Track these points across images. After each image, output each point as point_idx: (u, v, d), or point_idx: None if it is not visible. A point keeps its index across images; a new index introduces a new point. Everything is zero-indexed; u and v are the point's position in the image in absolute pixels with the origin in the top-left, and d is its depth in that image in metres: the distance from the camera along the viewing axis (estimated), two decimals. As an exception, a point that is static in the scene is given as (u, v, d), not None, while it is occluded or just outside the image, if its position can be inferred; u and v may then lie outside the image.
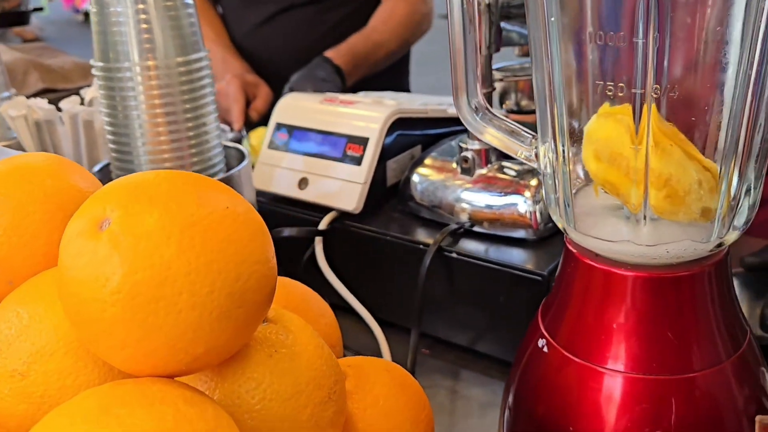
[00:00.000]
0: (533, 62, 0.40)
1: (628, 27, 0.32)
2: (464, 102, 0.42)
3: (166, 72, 0.55)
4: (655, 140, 0.35)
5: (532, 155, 0.42)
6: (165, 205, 0.27)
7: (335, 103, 0.72)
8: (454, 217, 0.65)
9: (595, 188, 0.40)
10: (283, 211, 0.72)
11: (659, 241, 0.37)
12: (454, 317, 0.64)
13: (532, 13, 0.37)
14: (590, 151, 0.38)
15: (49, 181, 0.36)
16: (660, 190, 0.36)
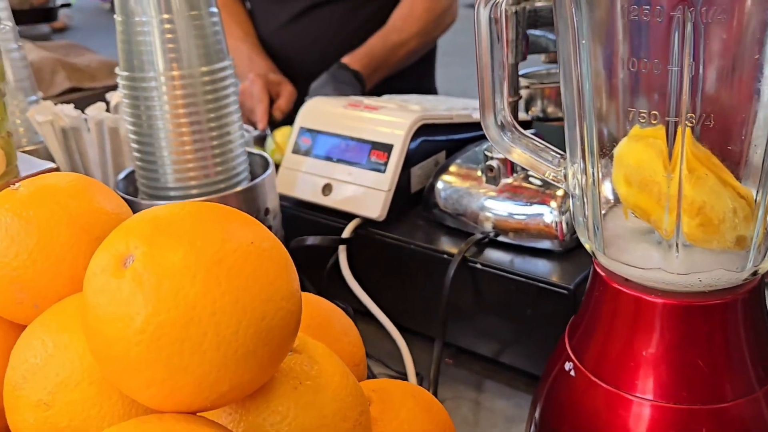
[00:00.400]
0: (562, 81, 0.39)
1: (662, 54, 0.31)
2: (491, 120, 0.41)
3: (191, 81, 0.55)
4: (689, 166, 0.34)
5: (561, 176, 0.41)
6: (190, 242, 0.26)
7: (360, 108, 0.72)
8: (478, 226, 0.65)
9: (625, 211, 0.39)
10: (306, 216, 0.72)
11: (692, 269, 0.36)
12: (478, 327, 0.64)
13: (563, 35, 0.36)
14: (621, 174, 0.37)
15: (73, 203, 0.36)
16: (693, 218, 0.35)
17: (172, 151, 0.56)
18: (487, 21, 0.39)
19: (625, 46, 0.33)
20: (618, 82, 0.34)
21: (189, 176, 0.57)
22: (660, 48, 0.31)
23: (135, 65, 0.55)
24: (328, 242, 0.66)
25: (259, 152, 0.65)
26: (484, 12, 0.38)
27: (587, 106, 0.36)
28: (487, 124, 0.41)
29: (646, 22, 0.31)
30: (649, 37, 0.32)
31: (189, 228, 0.27)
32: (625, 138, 0.37)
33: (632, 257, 0.38)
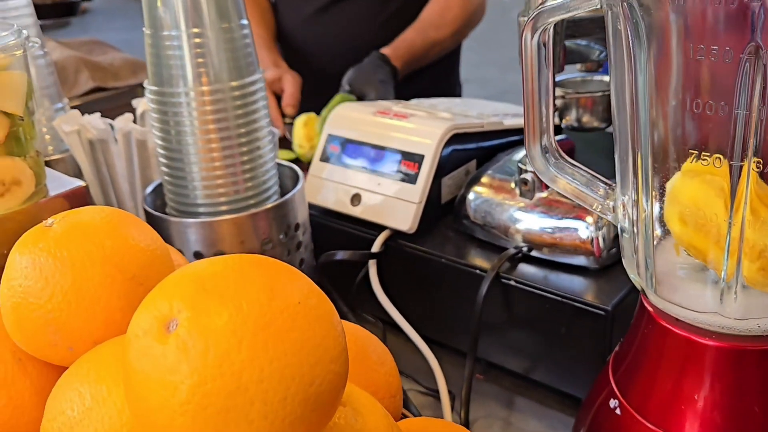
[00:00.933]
0: (615, 109, 0.37)
1: (728, 96, 0.29)
2: (537, 150, 0.39)
3: (221, 96, 0.54)
4: (752, 207, 0.33)
5: (609, 208, 0.39)
6: (235, 304, 0.25)
7: (389, 115, 0.70)
8: (510, 240, 0.63)
9: (676, 247, 0.37)
10: (334, 225, 0.71)
11: (749, 314, 0.34)
12: (509, 343, 0.63)
13: (617, 65, 0.35)
14: (674, 212, 0.35)
15: (108, 242, 0.35)
16: (754, 262, 0.33)
17: (201, 167, 0.55)
18: (536, 47, 0.37)
19: (688, 85, 0.31)
20: (679, 122, 0.32)
21: (218, 192, 0.56)
22: (726, 90, 0.30)
23: (164, 79, 0.54)
24: (358, 257, 0.65)
25: (288, 164, 0.64)
26: (533, 38, 0.37)
27: (643, 141, 0.35)
28: (533, 154, 0.39)
29: (712, 62, 0.29)
30: (715, 79, 0.30)
31: (233, 287, 0.26)
32: (679, 173, 0.35)
33: (685, 298, 0.36)
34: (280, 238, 0.58)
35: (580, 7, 0.35)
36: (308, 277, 0.29)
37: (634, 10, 0.31)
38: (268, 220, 0.57)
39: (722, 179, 0.33)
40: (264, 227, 0.57)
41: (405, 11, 1.16)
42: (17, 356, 0.36)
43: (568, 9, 0.36)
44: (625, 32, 0.33)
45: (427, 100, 0.82)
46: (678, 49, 0.30)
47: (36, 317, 0.33)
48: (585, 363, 0.58)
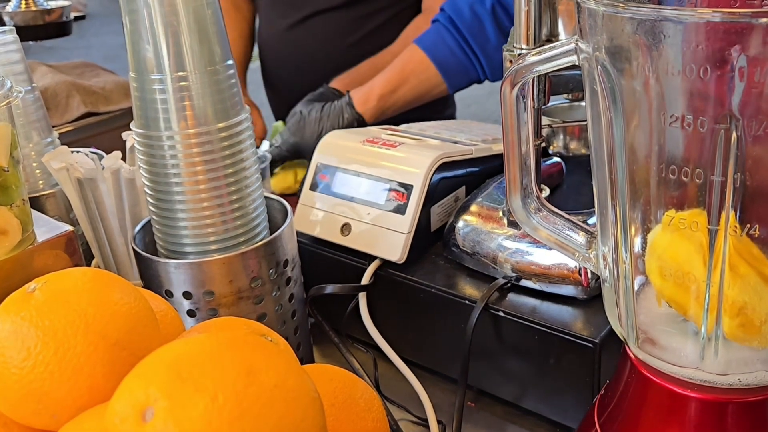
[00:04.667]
0: (594, 165, 0.37)
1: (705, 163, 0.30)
2: (518, 201, 0.40)
3: (208, 138, 0.54)
4: (731, 263, 0.33)
5: (591, 257, 0.40)
6: (211, 393, 0.25)
7: (377, 144, 0.70)
8: (499, 269, 0.63)
9: (658, 299, 0.38)
10: (324, 253, 0.71)
11: (730, 370, 0.35)
12: (499, 372, 0.63)
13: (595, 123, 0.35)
14: (654, 266, 0.36)
15: (90, 309, 0.35)
16: (733, 319, 0.33)
17: (189, 208, 0.55)
18: (515, 100, 0.38)
19: (663, 151, 0.31)
20: (656, 185, 0.32)
21: (207, 232, 0.56)
22: (701, 157, 0.30)
23: (150, 122, 0.54)
24: (348, 290, 0.66)
25: (277, 198, 0.64)
26: (513, 92, 0.37)
27: (621, 198, 0.35)
28: (514, 206, 0.40)
29: (687, 130, 0.29)
30: (690, 146, 0.30)
31: (209, 374, 0.26)
32: (659, 226, 0.35)
33: (666, 351, 0.37)
34: (269, 274, 0.58)
35: (558, 63, 0.35)
36: (288, 350, 0.29)
37: (610, 76, 0.31)
38: (257, 258, 0.57)
39: (702, 235, 0.33)
40: (253, 265, 0.57)
41: (387, 28, 1.16)
42: (2, 421, 0.36)
43: (547, 64, 0.36)
44: (601, 94, 0.33)
45: (416, 124, 0.82)
46: (653, 115, 0.31)
47: (18, 387, 0.33)
48: (574, 393, 0.58)
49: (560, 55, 0.35)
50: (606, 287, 0.39)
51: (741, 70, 0.27)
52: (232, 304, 0.57)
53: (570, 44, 0.35)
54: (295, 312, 0.62)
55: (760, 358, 0.35)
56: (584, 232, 0.40)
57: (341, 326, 0.69)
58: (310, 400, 0.27)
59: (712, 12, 0.28)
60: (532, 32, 0.55)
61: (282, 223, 0.63)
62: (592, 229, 0.40)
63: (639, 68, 0.30)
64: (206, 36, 0.53)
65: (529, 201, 0.40)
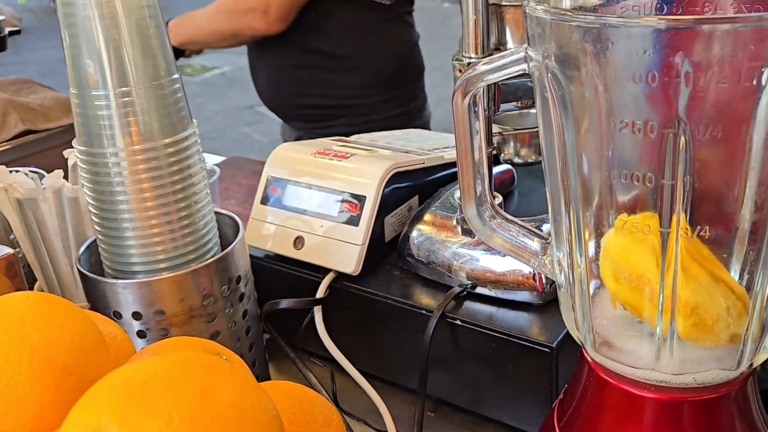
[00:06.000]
0: (546, 171, 0.38)
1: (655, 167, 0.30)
2: (473, 209, 0.40)
3: (154, 155, 0.52)
4: (683, 265, 0.33)
5: (547, 263, 0.40)
6: (165, 417, 0.24)
7: (329, 156, 0.70)
8: (454, 277, 0.63)
9: (613, 302, 0.38)
10: (278, 267, 0.70)
11: (685, 369, 0.35)
12: (459, 380, 0.63)
13: (546, 131, 0.35)
14: (608, 269, 0.36)
15: (35, 335, 0.33)
16: (687, 319, 0.34)
17: (136, 226, 0.54)
18: (467, 108, 0.38)
19: (614, 156, 0.31)
20: (608, 189, 0.33)
21: (156, 251, 0.55)
22: (652, 162, 0.30)
23: (93, 140, 0.52)
24: (303, 304, 0.65)
25: (227, 213, 0.63)
26: (464, 101, 0.37)
27: (574, 203, 0.35)
28: (469, 214, 0.40)
29: (636, 135, 0.30)
30: (640, 151, 0.30)
31: (163, 396, 0.25)
32: (612, 230, 0.36)
33: (622, 354, 0.37)
34: (222, 291, 0.57)
35: (509, 72, 0.36)
36: (243, 368, 0.28)
37: (560, 83, 0.32)
38: (209, 275, 0.56)
39: (654, 238, 0.33)
40: (205, 282, 0.56)
41: None
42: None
43: (497, 73, 0.36)
44: (552, 101, 0.33)
45: (367, 135, 0.82)
46: (603, 121, 0.31)
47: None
48: (533, 398, 0.59)
49: (510, 63, 0.36)
50: (562, 292, 0.39)
51: (687, 75, 0.28)
52: (184, 323, 0.55)
53: (520, 53, 0.35)
54: (249, 329, 0.61)
55: (713, 356, 0.35)
56: (539, 239, 0.41)
57: (297, 341, 0.68)
58: (268, 418, 0.27)
59: (657, 19, 0.29)
60: (480, 41, 0.55)
61: (233, 238, 0.62)
62: (547, 236, 0.41)
63: (588, 75, 0.31)
64: (150, 49, 0.52)
65: (483, 209, 0.40)
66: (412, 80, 1.36)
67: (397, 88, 1.33)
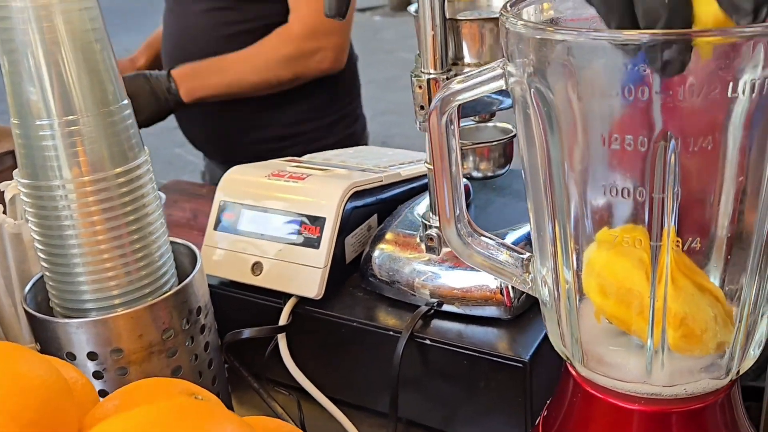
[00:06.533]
0: (529, 183, 0.37)
1: (646, 181, 0.30)
2: (453, 231, 0.39)
3: (105, 185, 0.50)
4: (671, 278, 0.33)
5: (528, 281, 0.39)
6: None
7: (284, 177, 0.68)
8: (420, 296, 0.62)
9: (597, 316, 0.38)
10: (236, 295, 0.68)
11: (676, 380, 0.35)
12: (430, 400, 0.62)
13: (528, 146, 0.34)
14: (593, 284, 0.36)
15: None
16: (676, 330, 0.34)
17: (88, 261, 0.51)
18: (444, 127, 0.37)
19: (604, 171, 0.31)
20: (597, 204, 0.32)
21: (110, 286, 0.52)
22: (642, 175, 0.30)
23: (38, 172, 0.49)
24: (266, 332, 0.62)
25: (183, 242, 0.60)
26: (441, 121, 0.36)
27: (561, 218, 0.35)
28: (449, 236, 0.39)
29: (627, 150, 0.29)
30: (631, 165, 0.30)
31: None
32: (594, 244, 0.35)
33: (611, 368, 0.37)
34: (182, 324, 0.55)
35: (486, 89, 0.35)
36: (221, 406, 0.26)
37: (545, 99, 0.31)
38: (167, 308, 0.53)
39: (641, 251, 0.33)
40: (164, 317, 0.53)
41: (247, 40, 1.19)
42: None
43: (473, 90, 0.35)
44: (535, 116, 0.32)
45: (320, 154, 0.81)
46: (590, 136, 0.31)
47: None
48: (507, 414, 0.58)
49: (488, 80, 0.35)
50: (546, 308, 0.39)
51: (674, 88, 0.28)
52: (144, 360, 0.52)
53: (496, 70, 0.35)
54: (211, 361, 0.58)
55: (703, 366, 0.35)
56: (517, 254, 0.40)
57: (260, 370, 0.65)
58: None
59: (638, 33, 0.28)
60: (439, 56, 0.54)
61: (189, 267, 0.59)
62: (523, 251, 0.40)
63: (572, 90, 0.30)
64: (97, 74, 0.49)
65: (460, 227, 0.40)
66: (356, 97, 1.35)
67: (343, 108, 1.31)
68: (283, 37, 1.17)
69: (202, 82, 1.17)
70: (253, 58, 1.18)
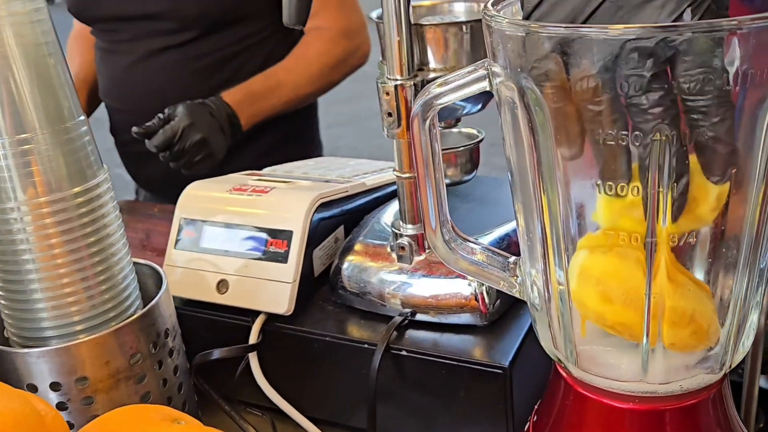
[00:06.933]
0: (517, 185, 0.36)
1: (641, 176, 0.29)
2: (440, 238, 0.38)
3: (63, 206, 0.47)
4: (670, 275, 0.33)
5: (515, 284, 0.38)
6: None
7: (247, 191, 0.66)
8: (392, 307, 0.61)
9: (583, 327, 0.37)
10: (202, 315, 0.65)
11: (671, 377, 0.35)
12: (409, 412, 0.60)
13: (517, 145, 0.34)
14: (592, 292, 0.35)
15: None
16: (685, 328, 0.33)
17: (46, 287, 0.48)
18: (427, 132, 0.36)
19: (597, 168, 0.31)
20: (591, 203, 0.32)
21: (71, 312, 0.49)
22: (639, 171, 0.29)
23: (-11, 195, 0.46)
24: (237, 352, 0.60)
25: (146, 262, 0.58)
26: (424, 125, 0.35)
27: (553, 222, 0.34)
28: (435, 243, 0.38)
29: (624, 146, 0.29)
30: (627, 161, 0.30)
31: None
32: (585, 251, 0.35)
33: (606, 368, 0.36)
34: (149, 349, 0.52)
35: (468, 91, 0.34)
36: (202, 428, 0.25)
37: (536, 99, 0.31)
38: (134, 333, 0.51)
39: (638, 251, 0.32)
40: (131, 341, 0.51)
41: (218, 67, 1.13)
42: None
43: (456, 93, 0.35)
44: (524, 117, 0.32)
45: (281, 166, 0.79)
46: (584, 133, 0.30)
47: None
48: (488, 421, 0.57)
49: (471, 82, 0.34)
50: (537, 311, 0.38)
51: (669, 80, 0.28)
52: (111, 388, 0.50)
53: (479, 71, 0.34)
54: (181, 385, 0.56)
55: (698, 361, 0.35)
56: (503, 258, 0.39)
57: (231, 392, 0.63)
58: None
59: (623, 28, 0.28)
60: (405, 62, 0.54)
61: (152, 288, 0.57)
62: (508, 255, 0.39)
63: (564, 87, 0.30)
64: (51, 90, 0.46)
65: (444, 232, 0.39)
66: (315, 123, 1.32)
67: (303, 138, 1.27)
68: (327, 40, 1.12)
69: (261, 105, 1.09)
70: (307, 68, 1.11)
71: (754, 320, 0.35)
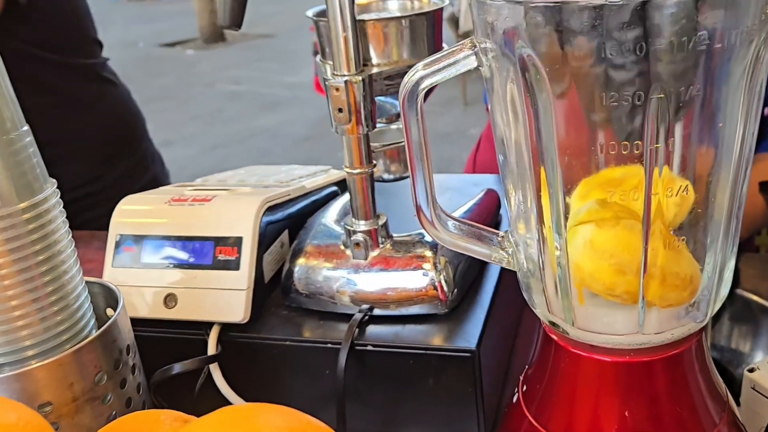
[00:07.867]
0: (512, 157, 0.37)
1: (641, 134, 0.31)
2: (435, 217, 0.38)
3: (10, 223, 0.43)
4: (665, 241, 0.35)
5: (505, 256, 0.40)
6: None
7: (187, 201, 0.64)
8: (350, 304, 0.61)
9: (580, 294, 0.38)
10: (151, 334, 0.62)
11: (664, 327, 0.37)
12: (380, 407, 0.60)
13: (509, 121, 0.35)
14: (605, 265, 0.36)
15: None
16: (685, 289, 0.36)
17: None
18: (417, 112, 0.36)
19: (599, 131, 0.32)
20: (593, 164, 0.33)
21: (21, 336, 0.45)
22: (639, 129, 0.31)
23: (-73, 214, 0.42)
24: (198, 364, 0.58)
25: (99, 281, 0.54)
26: (414, 106, 0.36)
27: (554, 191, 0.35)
28: (431, 220, 0.38)
29: (626, 106, 0.31)
30: (628, 120, 0.31)
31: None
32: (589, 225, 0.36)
33: (603, 325, 0.38)
34: (112, 367, 0.49)
35: (455, 70, 0.35)
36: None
37: (537, 69, 0.32)
38: (95, 351, 0.48)
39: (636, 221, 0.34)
40: (93, 360, 0.48)
41: None
42: None
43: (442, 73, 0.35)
44: (519, 89, 0.33)
45: (212, 177, 0.77)
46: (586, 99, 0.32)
47: None
48: (459, 406, 0.58)
49: (459, 60, 0.35)
50: (533, 279, 0.39)
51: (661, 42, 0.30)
52: (76, 411, 0.47)
53: (466, 50, 0.35)
54: (144, 403, 0.53)
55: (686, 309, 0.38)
56: (490, 233, 0.40)
57: (192, 408, 0.60)
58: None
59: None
60: (352, 58, 0.54)
61: (103, 305, 0.54)
62: (494, 231, 0.41)
63: (563, 56, 0.31)
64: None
65: (437, 213, 0.39)
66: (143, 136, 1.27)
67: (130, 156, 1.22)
68: None
69: None
70: None
71: (731, 266, 0.38)
